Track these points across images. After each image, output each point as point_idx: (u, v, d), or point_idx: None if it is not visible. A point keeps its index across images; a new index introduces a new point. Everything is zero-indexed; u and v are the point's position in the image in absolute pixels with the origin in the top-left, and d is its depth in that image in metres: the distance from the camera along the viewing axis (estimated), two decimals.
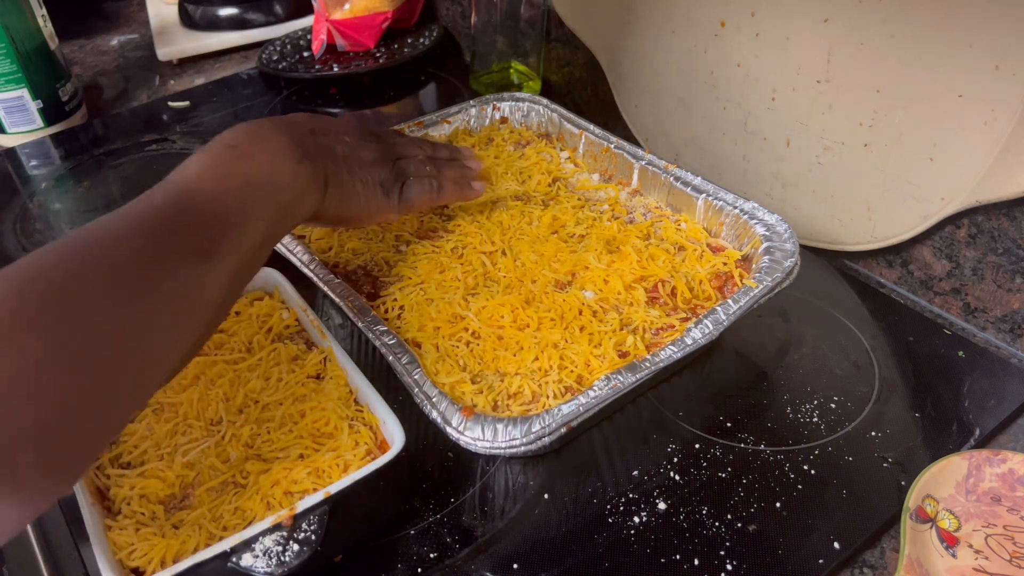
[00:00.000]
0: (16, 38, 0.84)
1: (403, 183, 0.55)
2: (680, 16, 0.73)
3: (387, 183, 0.54)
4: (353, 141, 0.52)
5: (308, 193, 0.46)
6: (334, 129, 0.52)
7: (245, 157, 0.43)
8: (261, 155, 0.43)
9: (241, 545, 0.39)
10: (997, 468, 0.50)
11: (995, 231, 0.58)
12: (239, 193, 0.41)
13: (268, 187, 0.43)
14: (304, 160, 0.46)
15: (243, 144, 0.43)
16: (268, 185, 0.43)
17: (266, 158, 0.44)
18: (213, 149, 0.43)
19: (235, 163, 0.42)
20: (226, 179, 0.41)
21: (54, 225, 0.77)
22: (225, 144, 0.43)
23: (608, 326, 0.52)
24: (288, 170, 0.44)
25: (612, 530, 0.47)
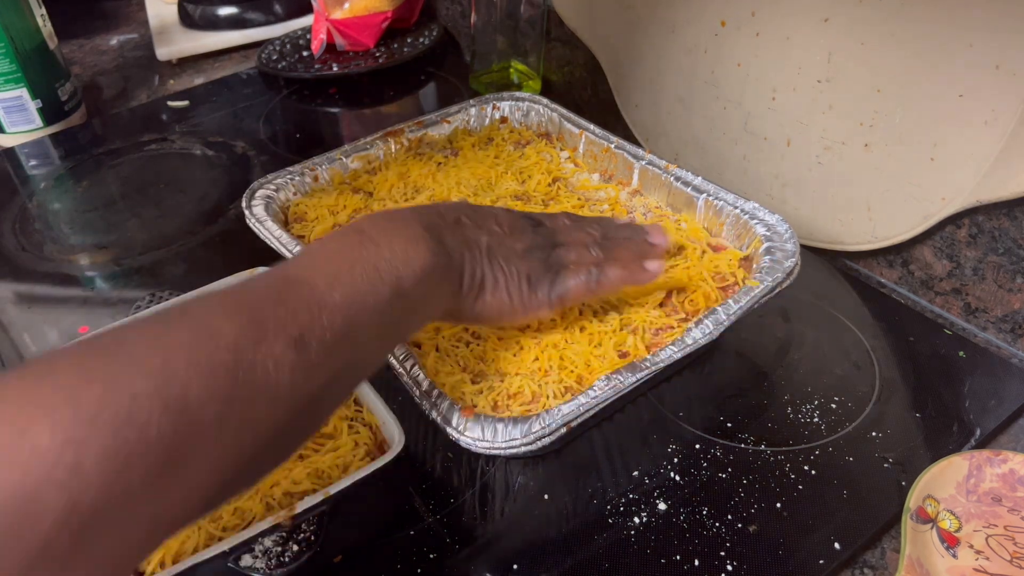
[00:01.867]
0: (15, 38, 0.84)
1: (556, 274, 0.48)
2: (680, 16, 0.73)
3: (536, 275, 0.47)
4: (504, 230, 0.47)
5: (439, 285, 0.42)
6: (485, 219, 0.47)
7: (369, 242, 0.39)
8: (387, 241, 0.39)
9: (241, 545, 0.39)
10: (998, 468, 0.49)
11: (996, 231, 0.58)
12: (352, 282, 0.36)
13: (390, 278, 0.38)
14: (437, 248, 0.41)
15: (370, 229, 0.40)
16: (390, 276, 0.38)
17: (392, 245, 0.39)
18: (344, 233, 0.40)
19: (356, 249, 0.38)
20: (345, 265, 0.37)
21: (53, 225, 0.77)
22: (355, 228, 0.40)
23: (608, 326, 0.52)
24: (418, 259, 0.40)
25: (612, 530, 0.47)
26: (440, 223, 0.44)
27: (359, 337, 0.36)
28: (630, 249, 0.51)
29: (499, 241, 0.46)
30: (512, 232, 0.48)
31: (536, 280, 0.47)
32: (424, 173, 0.69)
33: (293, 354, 0.32)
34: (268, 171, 0.67)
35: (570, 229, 0.51)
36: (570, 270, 0.48)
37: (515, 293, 0.46)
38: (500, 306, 0.46)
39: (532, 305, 0.47)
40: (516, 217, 0.49)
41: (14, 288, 0.69)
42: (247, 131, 0.90)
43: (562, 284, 0.48)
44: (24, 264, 0.71)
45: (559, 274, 0.48)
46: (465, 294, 0.44)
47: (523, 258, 0.47)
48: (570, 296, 0.48)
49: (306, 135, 0.90)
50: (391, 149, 0.71)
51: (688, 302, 0.54)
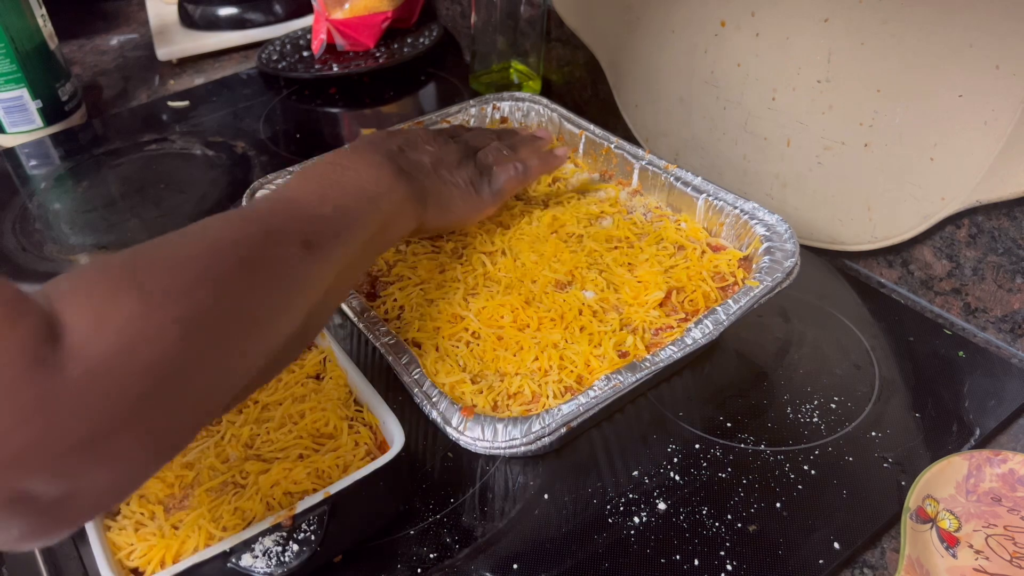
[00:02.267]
0: (16, 38, 0.84)
1: (490, 175, 0.57)
2: (680, 16, 0.73)
3: (476, 179, 0.55)
4: (435, 149, 0.54)
5: (408, 208, 0.49)
6: (415, 140, 0.54)
7: (347, 169, 0.46)
8: (362, 169, 0.47)
9: (241, 545, 0.39)
10: (997, 468, 0.49)
11: (995, 231, 0.58)
12: (340, 198, 0.44)
13: (369, 196, 0.45)
14: (400, 175, 0.49)
15: (343, 160, 0.47)
16: (369, 194, 0.46)
17: (367, 171, 0.47)
18: (315, 166, 0.46)
19: (338, 174, 0.45)
20: (329, 187, 0.44)
21: (53, 225, 0.77)
22: (327, 161, 0.47)
23: (608, 326, 0.52)
24: (387, 183, 0.47)
25: (612, 530, 0.47)
26: (393, 151, 0.51)
27: (351, 241, 0.43)
28: (529, 145, 0.61)
29: (437, 159, 0.54)
30: (439, 147, 0.55)
31: (476, 183, 0.55)
32: None
33: (305, 251, 0.39)
34: (268, 171, 0.67)
35: (477, 136, 0.60)
36: (498, 168, 0.57)
37: (467, 199, 0.54)
38: (459, 213, 0.54)
39: (480, 205, 0.56)
40: (435, 135, 0.57)
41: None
42: (247, 131, 0.90)
43: (496, 181, 0.57)
44: (24, 264, 0.71)
45: (491, 173, 0.57)
46: (431, 211, 0.51)
47: (459, 168, 0.55)
48: (506, 189, 0.57)
49: (306, 135, 0.90)
50: None
51: (688, 302, 0.54)
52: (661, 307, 0.54)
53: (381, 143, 0.51)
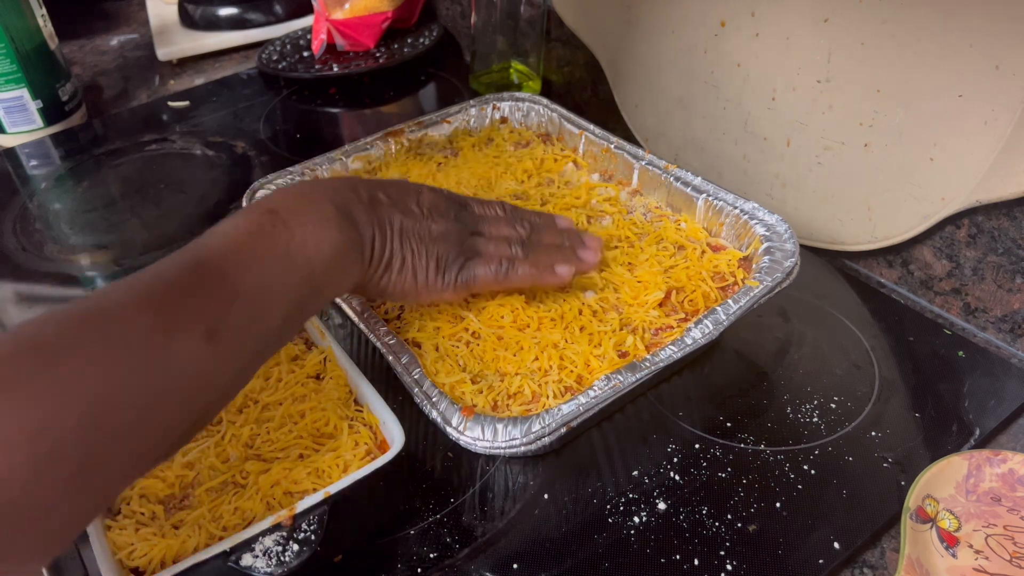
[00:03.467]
0: (16, 38, 0.84)
1: (466, 260, 0.49)
2: (680, 16, 0.73)
3: (444, 260, 0.48)
4: (422, 212, 0.48)
5: (345, 264, 0.43)
6: (406, 198, 0.48)
7: (279, 225, 0.40)
8: (298, 224, 0.40)
9: (241, 545, 0.39)
10: (997, 468, 0.50)
11: (995, 231, 0.58)
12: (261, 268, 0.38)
13: (296, 262, 0.40)
14: (346, 227, 0.43)
15: (283, 210, 0.41)
16: (297, 259, 0.40)
17: (303, 229, 0.40)
18: (252, 212, 0.40)
19: (267, 232, 0.39)
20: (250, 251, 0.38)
21: (54, 225, 0.77)
22: (265, 209, 0.41)
23: (608, 326, 0.52)
24: (325, 240, 0.41)
25: (612, 530, 0.47)
26: (352, 199, 0.45)
27: (269, 322, 0.38)
28: (551, 256, 0.52)
29: (414, 222, 0.48)
30: (431, 214, 0.49)
31: (445, 264, 0.49)
32: (424, 173, 0.69)
33: (206, 345, 0.34)
34: (268, 171, 0.67)
35: (498, 221, 0.52)
36: (482, 259, 0.50)
37: (420, 273, 0.48)
38: (404, 285, 0.48)
39: (436, 287, 0.49)
40: (441, 199, 0.50)
41: (14, 288, 0.69)
42: (247, 131, 0.90)
43: (470, 271, 0.49)
44: (24, 264, 0.71)
45: (470, 260, 0.49)
46: (372, 271, 0.46)
47: (435, 241, 0.48)
48: (477, 283, 0.50)
49: (306, 135, 0.90)
50: (391, 149, 0.71)
51: (688, 302, 0.54)
52: (661, 307, 0.54)
53: (349, 191, 0.45)
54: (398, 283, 0.47)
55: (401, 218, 0.47)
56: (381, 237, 0.46)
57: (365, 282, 0.46)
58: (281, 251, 0.39)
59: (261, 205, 0.41)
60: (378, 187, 0.47)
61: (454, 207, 0.51)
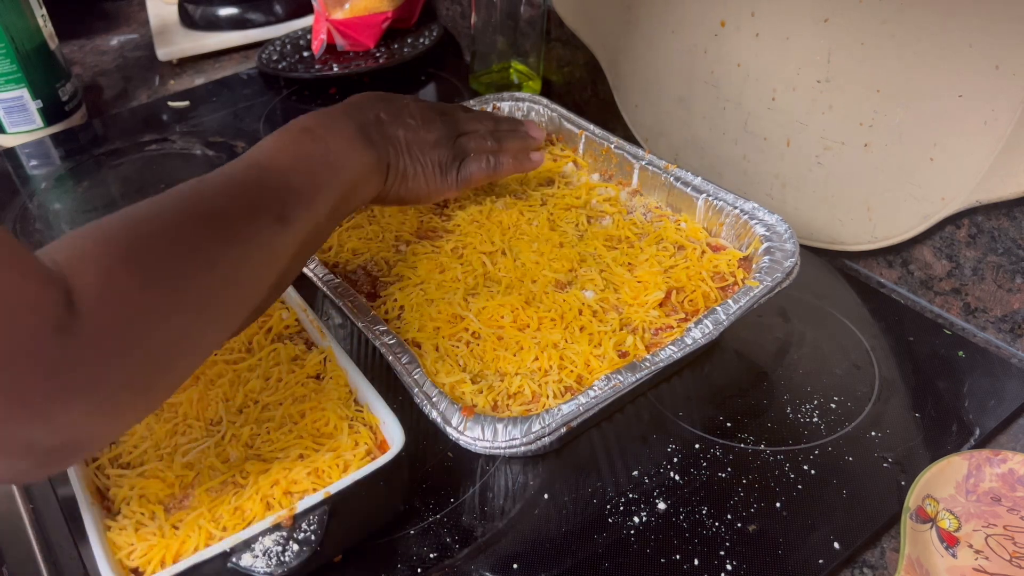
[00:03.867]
0: (16, 38, 0.84)
1: (462, 161, 0.58)
2: (680, 16, 0.73)
3: (445, 163, 0.57)
4: (417, 123, 0.55)
5: (371, 177, 0.51)
6: (401, 112, 0.55)
7: (318, 140, 0.48)
8: (331, 139, 0.48)
9: (241, 545, 0.39)
10: (997, 468, 0.50)
11: (995, 231, 0.58)
12: (310, 171, 0.46)
13: (335, 168, 0.47)
14: (369, 147, 0.51)
15: (316, 128, 0.48)
16: (336, 166, 0.48)
17: (335, 143, 0.48)
18: (291, 130, 0.48)
19: (308, 144, 0.47)
20: (299, 158, 0.46)
21: (54, 225, 0.77)
22: (301, 127, 0.48)
23: (608, 326, 0.52)
24: (354, 155, 0.49)
25: (612, 530, 0.47)
26: (366, 122, 0.52)
27: (319, 210, 0.45)
28: (516, 140, 0.62)
29: (414, 134, 0.55)
30: (424, 124, 0.56)
31: (446, 167, 0.57)
32: None
33: (279, 225, 0.42)
34: None
35: (468, 120, 0.61)
36: (472, 157, 0.59)
37: (430, 179, 0.56)
38: (418, 190, 0.56)
39: (443, 188, 0.58)
40: (427, 108, 0.58)
41: None
42: (247, 131, 0.90)
43: (466, 169, 0.58)
44: None
45: (463, 160, 0.58)
46: (390, 183, 0.54)
47: (434, 148, 0.56)
48: (473, 179, 0.59)
49: None
50: None
51: (688, 302, 0.54)
52: (661, 307, 0.54)
53: (360, 112, 0.52)
54: (413, 189, 0.55)
55: (403, 132, 0.54)
56: (395, 153, 0.53)
57: (386, 192, 0.54)
58: (320, 160, 0.47)
59: (298, 124, 0.48)
60: (376, 106, 0.54)
61: (437, 114, 0.58)
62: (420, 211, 0.64)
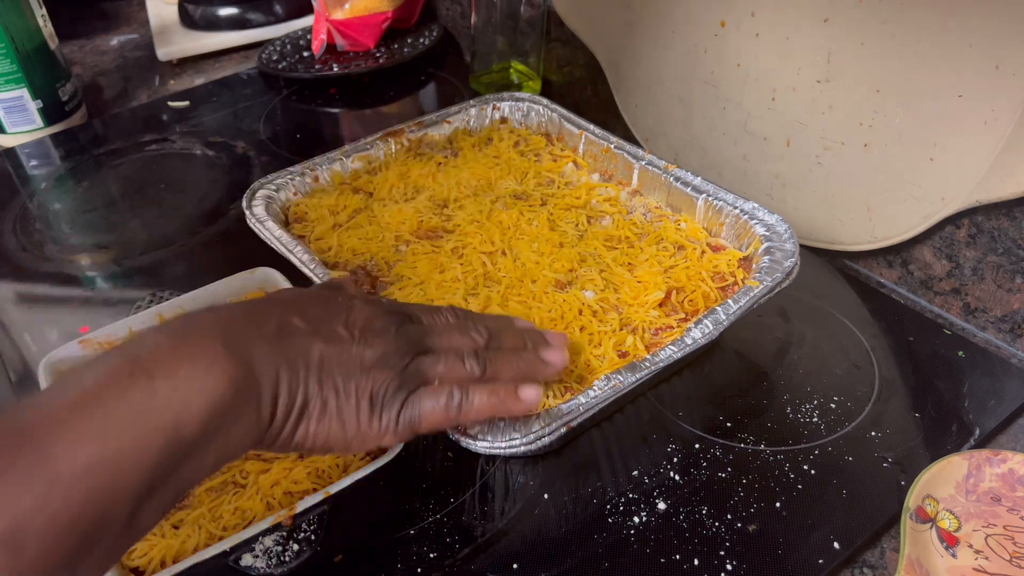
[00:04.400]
0: (16, 38, 0.84)
1: (410, 393, 0.39)
2: (680, 16, 0.73)
3: (383, 393, 0.38)
4: (353, 335, 0.38)
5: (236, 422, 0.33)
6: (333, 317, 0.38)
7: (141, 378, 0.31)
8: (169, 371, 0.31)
9: (241, 545, 0.39)
10: (997, 468, 0.50)
11: (995, 231, 0.58)
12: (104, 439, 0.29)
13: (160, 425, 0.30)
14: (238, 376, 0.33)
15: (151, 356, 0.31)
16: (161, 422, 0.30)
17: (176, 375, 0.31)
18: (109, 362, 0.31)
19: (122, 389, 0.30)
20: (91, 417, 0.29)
21: (54, 225, 0.77)
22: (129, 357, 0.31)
23: (608, 326, 0.52)
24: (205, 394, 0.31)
25: (612, 530, 0.47)
26: (254, 333, 0.35)
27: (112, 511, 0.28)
28: (514, 365, 0.42)
29: (340, 350, 0.37)
30: (364, 336, 0.38)
31: (383, 400, 0.38)
32: (424, 173, 0.69)
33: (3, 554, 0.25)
34: (268, 171, 0.67)
35: (450, 330, 0.42)
36: (430, 388, 0.39)
37: (349, 419, 0.37)
38: (328, 436, 0.37)
39: (371, 433, 0.38)
40: (378, 313, 0.40)
41: (15, 288, 0.69)
42: (247, 131, 0.90)
43: (415, 407, 0.39)
44: (25, 264, 0.72)
45: (415, 392, 0.39)
46: (277, 423, 0.35)
47: (370, 371, 0.37)
48: (423, 423, 0.39)
49: (306, 135, 0.90)
50: (391, 149, 0.71)
51: (688, 302, 0.54)
52: (661, 307, 0.54)
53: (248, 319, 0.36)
54: (318, 434, 0.36)
55: (322, 348, 0.36)
56: (291, 377, 0.35)
57: (270, 437, 0.35)
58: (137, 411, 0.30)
59: (121, 352, 0.32)
60: (295, 309, 0.37)
61: (395, 321, 0.40)
62: (420, 211, 0.64)
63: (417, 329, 0.41)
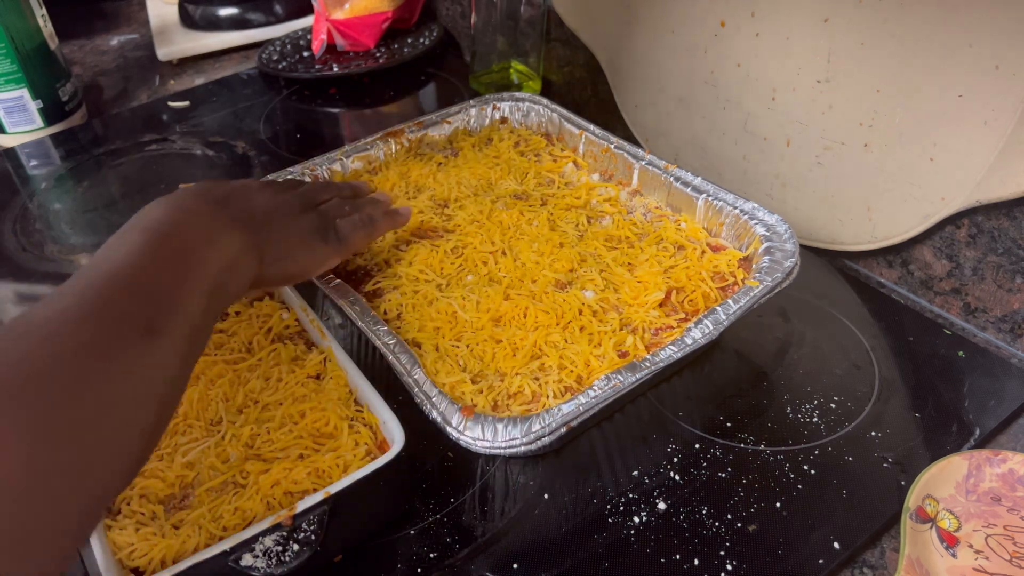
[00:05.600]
0: (16, 38, 0.84)
1: (334, 226, 0.54)
2: (680, 16, 0.73)
3: (320, 228, 0.52)
4: (267, 198, 0.50)
5: (242, 261, 0.44)
6: (244, 191, 0.49)
7: (175, 228, 0.42)
8: (189, 230, 0.42)
9: (241, 545, 0.39)
10: (997, 468, 0.50)
11: (995, 231, 0.58)
12: (172, 269, 0.40)
13: (200, 261, 0.41)
14: (232, 228, 0.44)
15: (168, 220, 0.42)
16: (199, 259, 0.41)
17: (194, 232, 0.42)
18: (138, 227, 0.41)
19: (164, 240, 0.41)
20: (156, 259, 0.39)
21: (54, 225, 0.77)
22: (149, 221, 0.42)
23: (608, 326, 0.52)
24: (219, 242, 0.43)
25: (612, 530, 0.47)
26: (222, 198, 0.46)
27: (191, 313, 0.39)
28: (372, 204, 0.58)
29: (274, 207, 0.50)
30: (280, 194, 0.51)
31: (321, 232, 0.52)
32: (424, 173, 0.69)
33: (149, 338, 0.36)
34: (269, 171, 0.67)
35: (318, 191, 0.57)
36: (342, 221, 0.54)
37: (309, 248, 0.51)
38: (303, 263, 0.51)
39: (327, 254, 0.52)
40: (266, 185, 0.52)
41: (15, 288, 0.69)
42: (248, 131, 0.90)
43: (342, 230, 0.54)
44: (25, 264, 0.71)
45: (336, 224, 0.54)
46: (269, 262, 0.47)
47: (301, 217, 0.51)
48: (353, 240, 0.54)
49: (306, 135, 0.90)
50: (391, 149, 0.71)
51: (688, 302, 0.54)
52: (661, 307, 0.54)
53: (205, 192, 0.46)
54: (295, 263, 0.50)
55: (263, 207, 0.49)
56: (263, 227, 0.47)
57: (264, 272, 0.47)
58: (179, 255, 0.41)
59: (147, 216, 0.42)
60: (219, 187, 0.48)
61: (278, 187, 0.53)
62: (420, 211, 0.64)
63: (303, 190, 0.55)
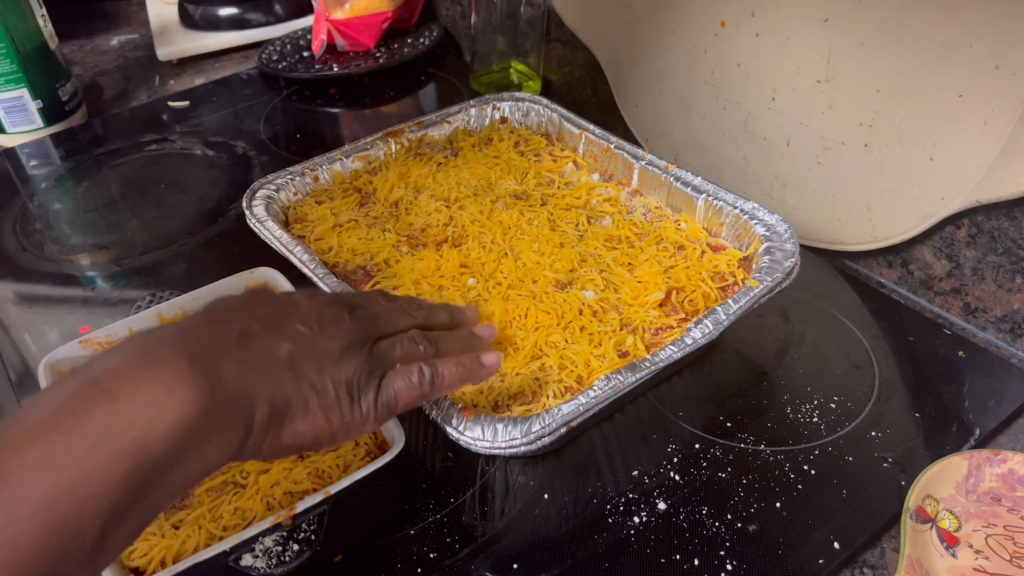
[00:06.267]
0: (16, 38, 0.84)
1: (382, 377, 0.40)
2: (680, 16, 0.73)
3: (358, 382, 0.38)
4: (313, 328, 0.38)
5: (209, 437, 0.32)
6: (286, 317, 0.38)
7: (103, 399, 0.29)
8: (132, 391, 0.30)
9: (241, 545, 0.39)
10: (997, 468, 0.50)
11: (995, 231, 0.58)
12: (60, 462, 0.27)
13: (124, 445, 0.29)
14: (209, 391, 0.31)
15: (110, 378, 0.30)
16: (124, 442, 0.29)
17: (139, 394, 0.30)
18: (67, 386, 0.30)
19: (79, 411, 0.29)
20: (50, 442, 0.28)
21: (54, 225, 0.77)
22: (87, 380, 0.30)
23: (608, 326, 0.52)
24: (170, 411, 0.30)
25: (612, 530, 0.47)
26: (217, 344, 0.34)
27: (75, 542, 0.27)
28: (458, 341, 0.45)
29: (308, 345, 0.37)
30: (323, 326, 0.38)
31: (359, 388, 0.38)
32: (424, 173, 0.69)
33: None
34: (269, 171, 0.67)
35: (391, 313, 0.43)
36: (399, 370, 0.40)
37: (334, 412, 0.37)
38: (316, 432, 0.36)
39: (356, 422, 0.38)
40: (324, 304, 0.40)
41: (15, 288, 0.69)
42: (247, 131, 0.90)
43: (389, 389, 0.39)
44: (25, 264, 0.71)
45: (385, 376, 0.40)
46: (258, 431, 0.34)
47: (340, 362, 0.38)
48: (400, 403, 0.40)
49: (306, 135, 0.90)
50: (391, 149, 0.71)
51: (688, 302, 0.54)
52: (661, 307, 0.54)
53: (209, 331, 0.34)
54: (305, 433, 0.36)
55: (289, 346, 0.36)
56: (268, 383, 0.35)
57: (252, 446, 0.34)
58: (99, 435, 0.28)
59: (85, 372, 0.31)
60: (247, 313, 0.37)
61: (343, 309, 0.40)
62: (427, 212, 0.64)
63: (365, 314, 0.41)
